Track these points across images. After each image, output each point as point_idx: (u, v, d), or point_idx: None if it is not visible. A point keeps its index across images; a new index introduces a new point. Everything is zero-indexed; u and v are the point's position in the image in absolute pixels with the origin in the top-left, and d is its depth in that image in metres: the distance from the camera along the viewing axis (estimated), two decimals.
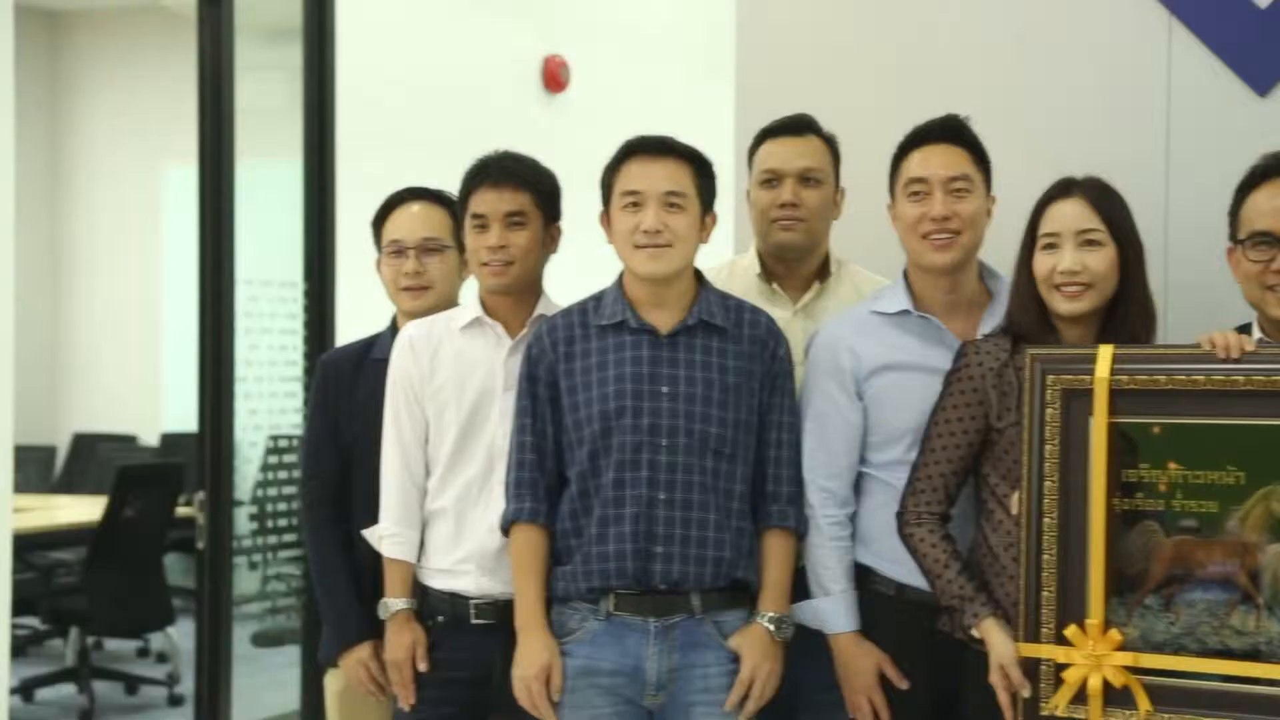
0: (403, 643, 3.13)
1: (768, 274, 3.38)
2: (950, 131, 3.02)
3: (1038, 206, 2.85)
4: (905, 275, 3.08)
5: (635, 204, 2.96)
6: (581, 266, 3.41)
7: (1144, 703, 2.57)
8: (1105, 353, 2.63)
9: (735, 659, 2.95)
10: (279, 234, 5.50)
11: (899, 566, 2.95)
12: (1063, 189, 2.84)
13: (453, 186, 3.26)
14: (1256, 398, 2.53)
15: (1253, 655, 2.52)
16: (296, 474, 5.30)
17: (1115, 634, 2.59)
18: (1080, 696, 2.60)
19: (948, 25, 3.69)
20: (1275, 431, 2.53)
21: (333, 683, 3.43)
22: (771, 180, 3.31)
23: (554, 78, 6.87)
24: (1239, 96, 3.35)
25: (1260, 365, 2.54)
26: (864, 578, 3.04)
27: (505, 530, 3.04)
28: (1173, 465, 2.58)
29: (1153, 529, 2.59)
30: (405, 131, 5.95)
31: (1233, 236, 2.83)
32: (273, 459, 5.67)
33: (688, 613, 2.94)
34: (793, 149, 3.31)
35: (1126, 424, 2.61)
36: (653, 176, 2.96)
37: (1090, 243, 2.77)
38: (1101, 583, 2.60)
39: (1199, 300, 3.12)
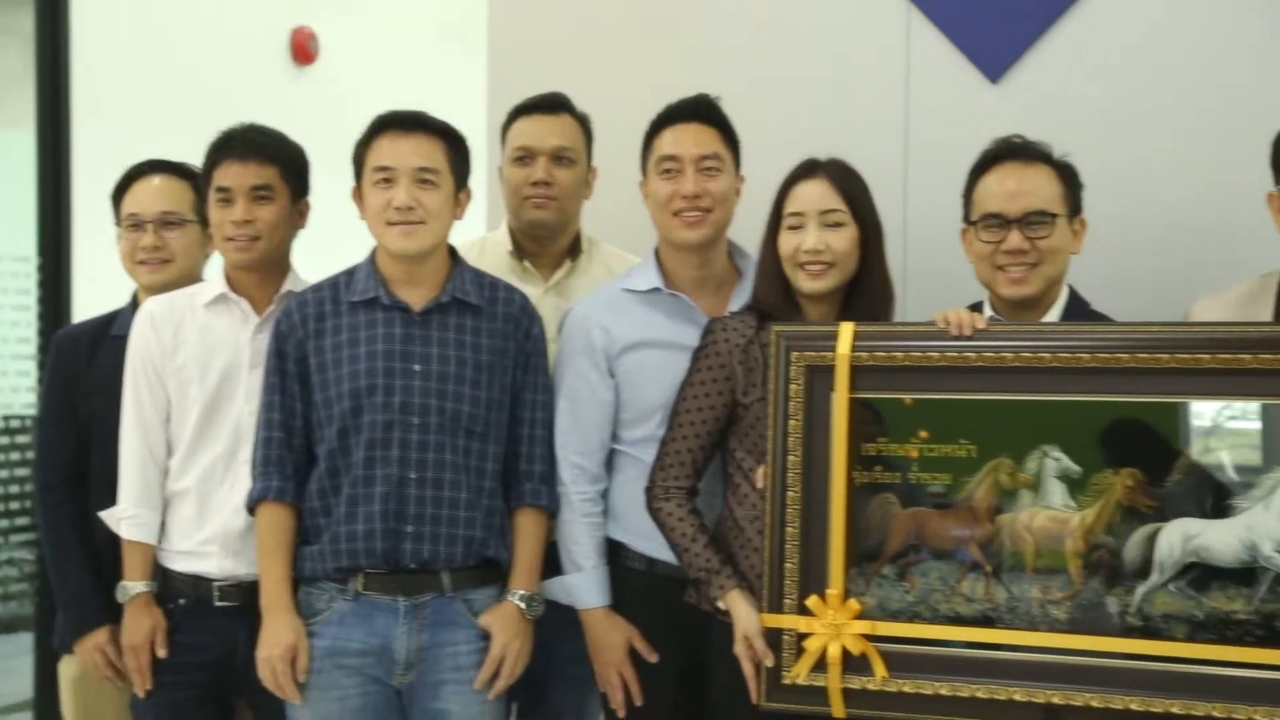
0: (141, 627, 3.04)
1: (519, 251, 3.38)
2: (701, 111, 3.05)
3: (783, 187, 2.90)
4: (656, 253, 3.11)
5: (387, 180, 2.92)
6: (331, 242, 3.36)
7: (880, 669, 2.65)
8: (846, 330, 2.69)
9: (486, 637, 2.94)
10: (12, 207, 5.27)
11: (649, 541, 2.99)
12: (807, 170, 2.90)
13: (197, 159, 3.18)
14: (987, 373, 2.62)
15: (982, 621, 2.61)
16: (30, 455, 5.10)
17: (854, 603, 2.66)
18: (821, 665, 2.66)
19: (698, 6, 3.74)
20: (1004, 406, 2.63)
21: (68, 669, 3.32)
22: (524, 158, 3.31)
23: (302, 50, 6.72)
24: (974, 83, 3.46)
25: (990, 342, 2.63)
26: (615, 553, 3.07)
27: (251, 509, 2.98)
28: (910, 439, 2.66)
29: (891, 501, 2.67)
30: (146, 102, 5.75)
31: (966, 218, 2.92)
32: (4, 439, 5.45)
33: (438, 591, 2.92)
34: (545, 127, 3.32)
35: (868, 399, 2.68)
36: (405, 152, 2.92)
37: (833, 223, 2.84)
38: (842, 554, 2.66)
39: (936, 279, 3.22)
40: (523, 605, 2.97)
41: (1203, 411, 2.52)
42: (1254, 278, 2.78)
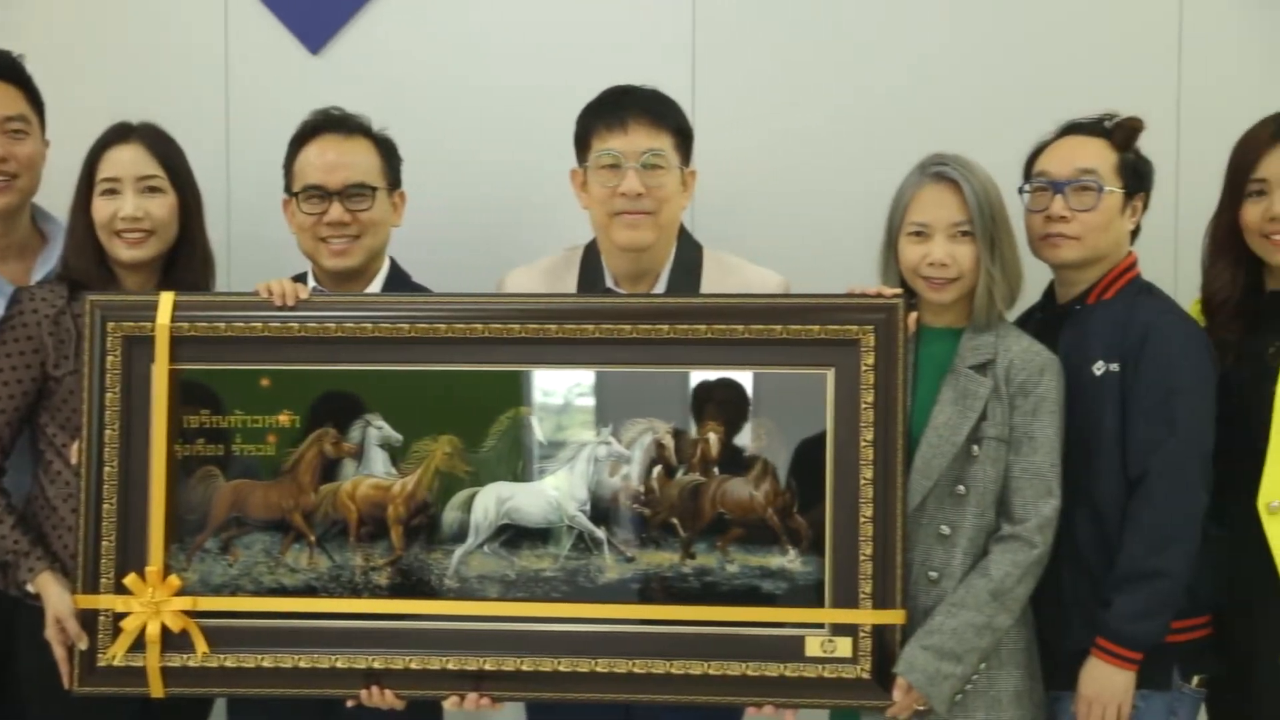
0: None
1: None
2: (4, 70, 2.89)
3: (95, 151, 2.81)
4: None
5: None
6: None
7: (201, 645, 2.62)
8: (166, 300, 2.64)
9: None
10: None
11: None
12: (120, 134, 2.82)
13: None
14: (310, 344, 2.64)
15: (306, 591, 2.64)
16: None
17: (175, 580, 2.62)
18: (140, 644, 2.60)
19: None
20: (328, 376, 2.66)
21: None
22: None
23: None
24: (294, 53, 3.45)
25: (313, 313, 2.66)
26: None
27: None
28: (233, 411, 2.65)
29: (214, 474, 2.65)
30: None
31: (288, 189, 2.91)
32: None
33: None
34: None
35: (191, 370, 2.64)
36: None
37: (152, 189, 2.78)
38: (162, 530, 2.61)
39: (260, 249, 3.20)
40: None
41: (517, 378, 2.65)
42: (560, 251, 2.95)
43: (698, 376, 2.63)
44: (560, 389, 2.67)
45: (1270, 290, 2.75)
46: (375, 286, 2.90)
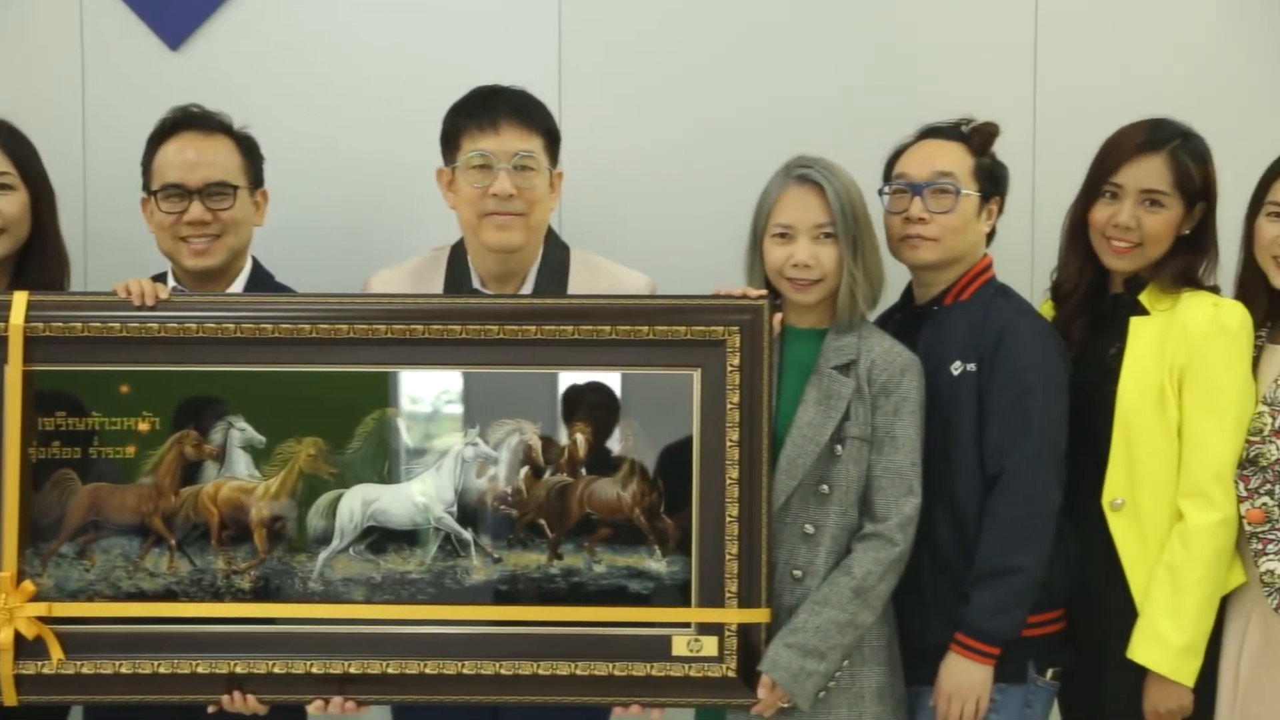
0: None
1: None
2: None
3: None
4: None
5: None
6: None
7: (56, 651, 2.57)
8: (20, 300, 2.58)
9: None
10: None
11: None
12: None
13: None
14: (171, 344, 2.60)
15: (166, 596, 2.60)
16: None
17: (29, 585, 2.57)
18: None
19: None
20: (189, 377, 2.62)
21: None
22: None
23: None
24: (153, 49, 3.38)
25: (174, 313, 2.61)
26: None
27: None
28: (91, 413, 2.60)
29: (70, 477, 2.59)
30: None
31: (146, 187, 2.86)
32: None
33: None
34: None
35: (46, 371, 2.58)
36: None
37: (2, 186, 2.74)
38: (15, 534, 2.56)
39: (118, 247, 3.14)
40: None
41: (383, 379, 2.64)
42: (427, 251, 2.93)
43: (565, 377, 2.64)
44: (427, 390, 2.66)
45: (1113, 294, 2.83)
46: (237, 286, 2.86)
